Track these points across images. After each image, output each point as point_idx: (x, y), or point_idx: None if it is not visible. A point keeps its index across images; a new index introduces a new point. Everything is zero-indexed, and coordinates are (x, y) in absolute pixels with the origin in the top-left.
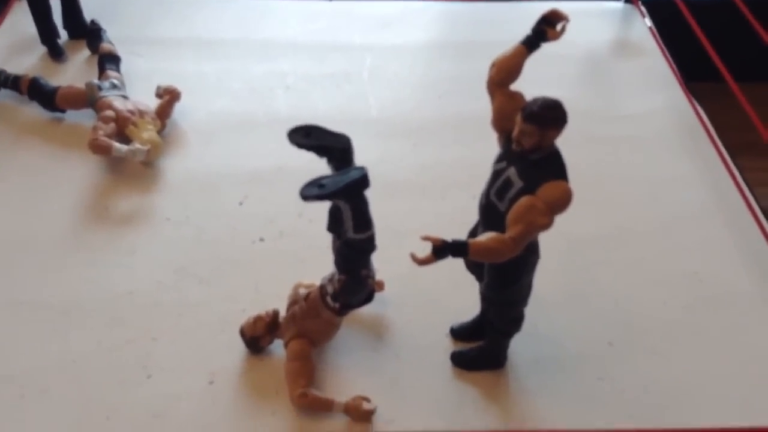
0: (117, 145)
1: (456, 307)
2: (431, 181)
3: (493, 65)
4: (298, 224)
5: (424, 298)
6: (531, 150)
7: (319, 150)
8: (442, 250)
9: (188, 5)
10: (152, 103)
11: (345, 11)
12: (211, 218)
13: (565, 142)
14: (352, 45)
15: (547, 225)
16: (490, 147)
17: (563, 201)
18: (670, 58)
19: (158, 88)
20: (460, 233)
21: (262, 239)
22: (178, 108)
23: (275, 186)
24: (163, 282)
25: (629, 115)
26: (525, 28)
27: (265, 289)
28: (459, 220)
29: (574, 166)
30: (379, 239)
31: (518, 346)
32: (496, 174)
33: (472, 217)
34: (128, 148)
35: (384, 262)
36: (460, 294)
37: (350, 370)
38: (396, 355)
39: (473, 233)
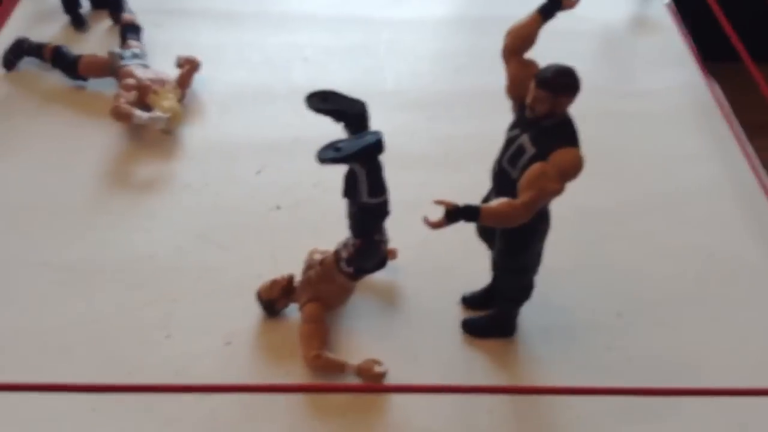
0: (138, 112)
1: (467, 276)
2: (445, 153)
3: (508, 33)
4: (314, 193)
5: (437, 266)
6: (544, 116)
7: (336, 114)
8: (454, 214)
9: None
10: (172, 72)
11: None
12: (229, 186)
13: (579, 117)
14: (369, 18)
15: (558, 191)
16: (504, 121)
17: (574, 167)
18: (688, 35)
19: (178, 58)
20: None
21: (278, 207)
22: (198, 78)
23: (292, 156)
24: (182, 246)
25: (644, 91)
26: (539, 3)
27: (282, 255)
28: (473, 192)
29: (589, 140)
30: (393, 210)
31: (528, 314)
32: (509, 141)
33: (486, 189)
34: (149, 116)
35: (398, 232)
36: (471, 262)
37: (363, 334)
38: (407, 321)
39: (486, 200)
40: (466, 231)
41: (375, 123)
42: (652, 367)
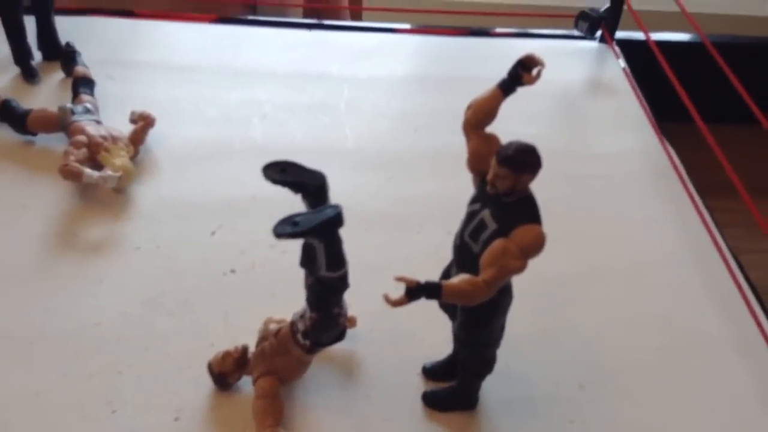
0: (88, 171)
1: (429, 343)
2: (406, 214)
3: (469, 107)
4: (271, 256)
5: (397, 335)
6: (505, 193)
7: (294, 186)
8: (415, 291)
9: (164, 30)
10: (126, 128)
11: (323, 41)
12: (182, 248)
13: (537, 180)
14: (329, 75)
15: (520, 268)
16: (466, 182)
17: (536, 245)
18: (643, 99)
19: (132, 113)
20: (435, 268)
21: (233, 270)
22: (152, 134)
23: (249, 216)
24: (130, 313)
25: (601, 154)
26: (501, 64)
27: (236, 322)
28: (434, 254)
29: (547, 204)
30: (353, 273)
31: (490, 386)
32: (470, 215)
33: (447, 252)
34: (99, 175)
35: (357, 297)
36: (433, 331)
37: (320, 409)
38: (366, 395)
39: (446, 273)
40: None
41: (334, 181)
42: None
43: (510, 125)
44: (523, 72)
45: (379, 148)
